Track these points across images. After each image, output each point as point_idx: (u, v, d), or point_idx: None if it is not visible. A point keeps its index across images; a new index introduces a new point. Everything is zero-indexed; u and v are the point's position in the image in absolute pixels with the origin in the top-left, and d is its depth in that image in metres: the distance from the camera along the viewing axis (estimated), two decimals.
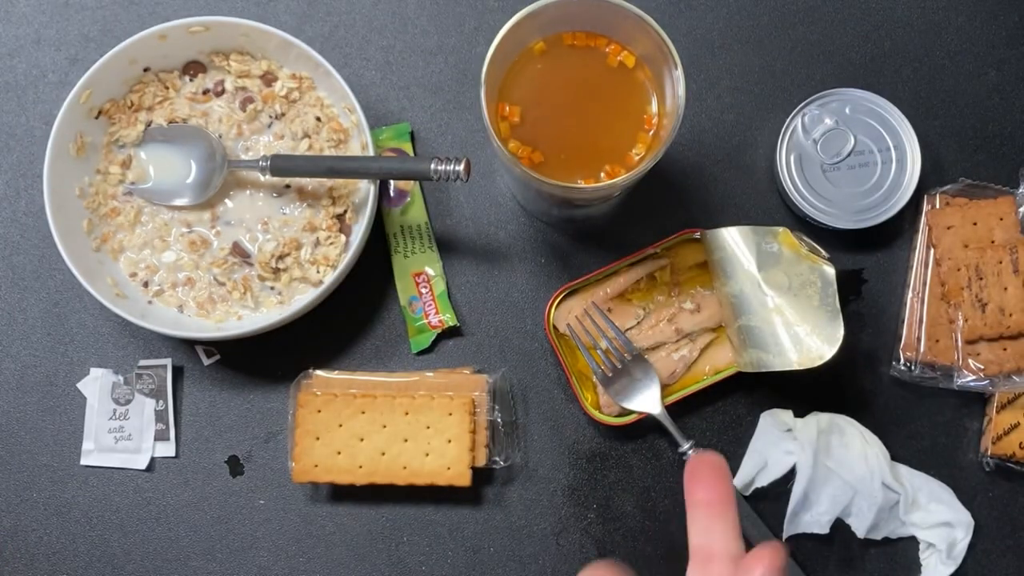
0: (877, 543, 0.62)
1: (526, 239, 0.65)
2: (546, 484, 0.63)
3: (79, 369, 0.64)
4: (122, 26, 0.67)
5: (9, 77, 0.67)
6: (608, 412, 0.61)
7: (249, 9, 0.67)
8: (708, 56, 0.67)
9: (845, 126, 0.63)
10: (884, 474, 0.60)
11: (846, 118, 0.63)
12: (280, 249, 0.62)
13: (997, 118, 0.66)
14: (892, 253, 0.65)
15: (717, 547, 0.36)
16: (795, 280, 0.58)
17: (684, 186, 0.66)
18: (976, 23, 0.67)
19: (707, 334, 0.63)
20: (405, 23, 0.67)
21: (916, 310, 0.63)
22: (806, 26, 0.67)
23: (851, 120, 0.63)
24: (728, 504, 0.36)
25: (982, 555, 0.62)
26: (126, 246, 0.62)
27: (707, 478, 0.37)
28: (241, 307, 0.62)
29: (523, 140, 0.55)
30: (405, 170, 0.58)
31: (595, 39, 0.55)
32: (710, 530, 0.36)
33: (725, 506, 0.36)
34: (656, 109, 0.55)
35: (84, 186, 0.62)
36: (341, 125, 0.63)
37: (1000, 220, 0.62)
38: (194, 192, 0.62)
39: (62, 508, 0.63)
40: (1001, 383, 0.61)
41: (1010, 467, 0.62)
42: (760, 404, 0.63)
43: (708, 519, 0.36)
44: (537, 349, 0.64)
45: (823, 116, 0.63)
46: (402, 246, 0.64)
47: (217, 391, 0.64)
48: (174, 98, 0.64)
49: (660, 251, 0.63)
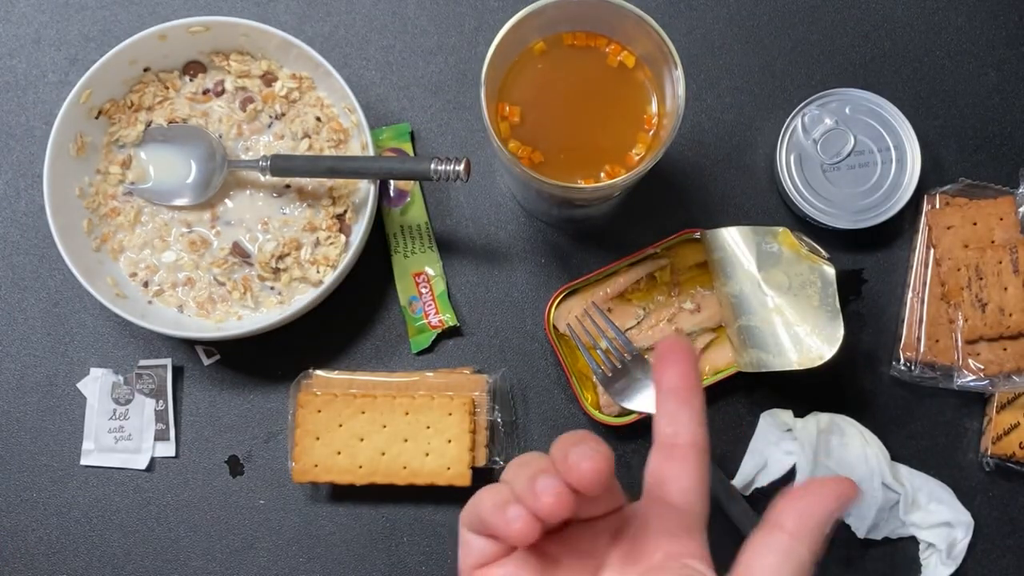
0: (877, 543, 0.62)
1: (526, 239, 0.65)
2: None
3: (79, 369, 0.64)
4: (122, 26, 0.67)
5: (9, 77, 0.67)
6: (608, 412, 0.61)
7: (249, 9, 0.67)
8: (708, 56, 0.67)
9: (845, 126, 0.63)
10: (884, 474, 0.60)
11: (846, 118, 0.63)
12: (280, 249, 0.62)
13: (997, 118, 0.66)
14: (892, 253, 0.65)
15: (683, 436, 0.36)
16: (795, 280, 0.58)
17: (684, 186, 0.66)
18: (976, 23, 0.67)
19: (707, 334, 0.63)
20: (405, 23, 0.67)
21: (916, 310, 0.63)
22: (806, 26, 0.67)
23: (851, 120, 0.63)
24: (695, 391, 0.36)
25: (982, 555, 0.62)
26: (126, 246, 0.62)
27: (677, 363, 0.36)
28: (241, 307, 0.62)
29: (523, 140, 0.55)
30: (405, 170, 0.58)
31: (595, 39, 0.55)
32: (677, 418, 0.36)
33: (692, 393, 0.36)
34: (656, 109, 0.55)
35: (84, 186, 0.62)
36: (341, 125, 0.63)
37: (1000, 220, 0.62)
38: (194, 192, 0.62)
39: (62, 508, 0.63)
40: (1001, 383, 0.61)
41: (1010, 467, 0.62)
42: (760, 404, 0.63)
43: (676, 406, 0.36)
44: (537, 349, 0.64)
45: (823, 116, 0.63)
46: (402, 246, 0.64)
47: (217, 391, 0.64)
48: (174, 98, 0.64)
49: (660, 251, 0.63)
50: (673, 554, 0.35)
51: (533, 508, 0.31)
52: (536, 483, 0.31)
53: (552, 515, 0.31)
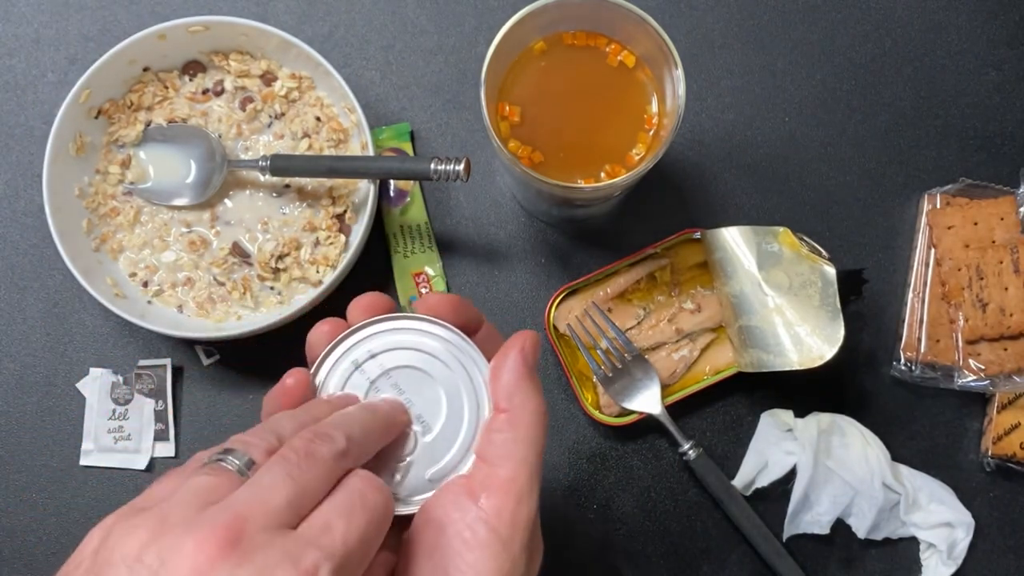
0: (877, 543, 0.62)
1: (526, 239, 0.65)
2: (546, 484, 0.63)
3: (78, 369, 0.64)
4: (122, 26, 0.67)
5: (9, 77, 0.67)
6: (608, 412, 0.61)
7: (249, 9, 0.67)
8: (708, 56, 0.67)
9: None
10: (885, 474, 0.60)
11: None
12: (280, 249, 0.62)
13: (997, 118, 0.66)
14: (893, 253, 0.65)
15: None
16: (795, 280, 0.58)
17: (684, 186, 0.66)
18: (976, 23, 0.67)
19: (707, 334, 0.63)
20: (405, 23, 0.67)
21: (917, 310, 0.63)
22: (806, 26, 0.67)
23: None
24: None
25: (983, 555, 0.62)
26: (126, 246, 0.62)
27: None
28: (241, 307, 0.62)
29: (523, 140, 0.55)
30: (405, 170, 0.58)
31: (595, 39, 0.55)
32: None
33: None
34: (656, 109, 0.55)
35: (84, 186, 0.62)
36: (341, 125, 0.63)
37: (1001, 220, 0.62)
38: (194, 192, 0.62)
39: (62, 508, 0.63)
40: (1002, 383, 0.61)
41: (1011, 467, 0.62)
42: (760, 404, 0.63)
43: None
44: None
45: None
46: (402, 246, 0.64)
47: (217, 391, 0.64)
48: (174, 98, 0.63)
49: (660, 251, 0.63)
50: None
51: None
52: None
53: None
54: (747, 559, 0.62)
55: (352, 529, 0.30)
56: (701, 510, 0.62)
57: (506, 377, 0.37)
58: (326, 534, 0.29)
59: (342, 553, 0.29)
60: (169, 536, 0.28)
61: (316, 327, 0.39)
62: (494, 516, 0.34)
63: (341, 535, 0.30)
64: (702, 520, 0.62)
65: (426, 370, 0.39)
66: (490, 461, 0.36)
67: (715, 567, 0.62)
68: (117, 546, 0.28)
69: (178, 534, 0.27)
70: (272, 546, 0.28)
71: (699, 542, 0.62)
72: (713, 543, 0.62)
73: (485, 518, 0.34)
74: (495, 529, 0.34)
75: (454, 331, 0.39)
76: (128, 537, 0.28)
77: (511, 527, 0.34)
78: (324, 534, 0.29)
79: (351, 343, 0.39)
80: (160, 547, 0.27)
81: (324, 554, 0.28)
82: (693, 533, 0.62)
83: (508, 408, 0.36)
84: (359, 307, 0.39)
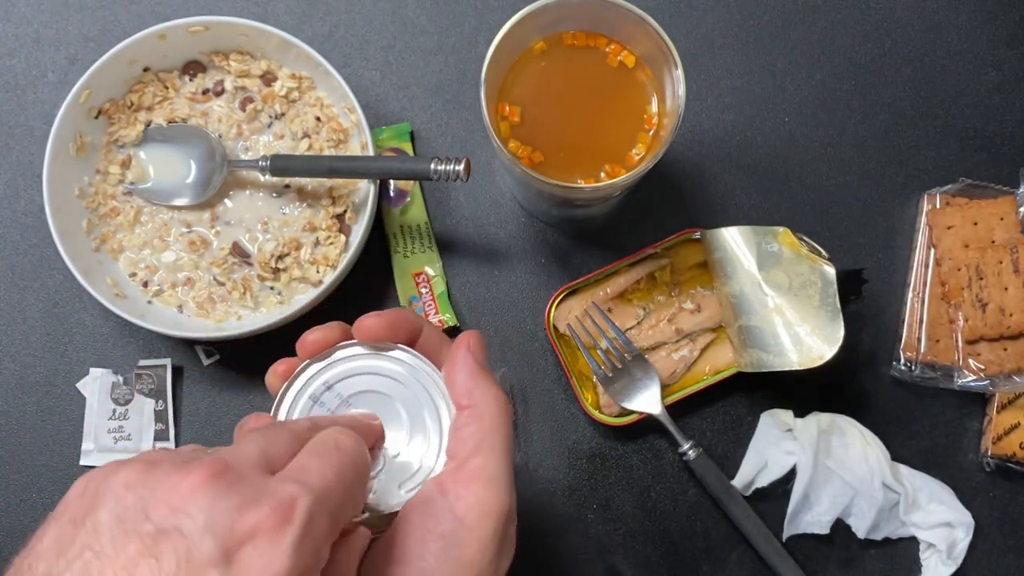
0: (877, 543, 0.62)
1: (526, 239, 0.65)
2: (546, 484, 0.63)
3: (79, 369, 0.64)
4: (122, 26, 0.67)
5: (9, 77, 0.67)
6: (608, 412, 0.61)
7: (249, 9, 0.67)
8: (708, 56, 0.67)
9: None
10: (884, 474, 0.60)
11: None
12: (280, 249, 0.62)
13: (997, 118, 0.66)
14: (892, 253, 0.65)
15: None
16: (795, 280, 0.58)
17: (684, 186, 0.66)
18: (976, 23, 0.67)
19: (707, 334, 0.63)
20: (405, 23, 0.67)
21: (916, 310, 0.63)
22: (806, 26, 0.67)
23: None
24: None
25: (982, 555, 0.62)
26: (126, 246, 0.62)
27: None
28: (241, 307, 0.62)
29: (523, 140, 0.55)
30: (405, 170, 0.58)
31: (595, 39, 0.55)
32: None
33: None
34: (656, 109, 0.55)
35: (84, 186, 0.62)
36: (341, 125, 0.63)
37: (1001, 220, 0.62)
38: (194, 192, 0.62)
39: None
40: (1001, 383, 0.61)
41: (1010, 467, 0.62)
42: (760, 404, 0.63)
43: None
44: (537, 349, 0.64)
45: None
46: (402, 246, 0.64)
47: (217, 391, 0.64)
48: (174, 98, 0.64)
49: (660, 251, 0.63)
50: None
51: None
52: None
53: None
54: (747, 559, 0.62)
55: (327, 467, 0.31)
56: (701, 510, 0.62)
57: (461, 376, 0.38)
58: (303, 472, 0.30)
59: (320, 487, 0.30)
60: (158, 472, 0.29)
61: (271, 371, 0.40)
62: (461, 505, 0.35)
63: (317, 472, 0.31)
64: (702, 520, 0.62)
65: (382, 391, 0.39)
66: (459, 456, 0.36)
67: (715, 567, 0.62)
68: (106, 481, 0.29)
69: (166, 470, 0.29)
70: (254, 482, 0.29)
71: (699, 542, 0.62)
72: (713, 543, 0.62)
73: (451, 507, 0.35)
74: (461, 518, 0.34)
75: (400, 348, 0.40)
76: (116, 475, 0.29)
77: (479, 514, 0.34)
78: (301, 472, 0.31)
79: (305, 378, 0.40)
80: (149, 479, 0.29)
81: (302, 488, 0.29)
82: (693, 533, 0.62)
83: (469, 404, 0.37)
84: (307, 344, 0.40)
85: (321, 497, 0.30)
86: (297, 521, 0.28)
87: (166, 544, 0.27)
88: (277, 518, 0.28)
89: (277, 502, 0.28)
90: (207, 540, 0.27)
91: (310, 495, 0.29)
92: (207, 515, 0.27)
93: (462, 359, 0.38)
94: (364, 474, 0.34)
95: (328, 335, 0.40)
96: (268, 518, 0.28)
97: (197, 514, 0.27)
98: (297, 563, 0.27)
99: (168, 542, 0.27)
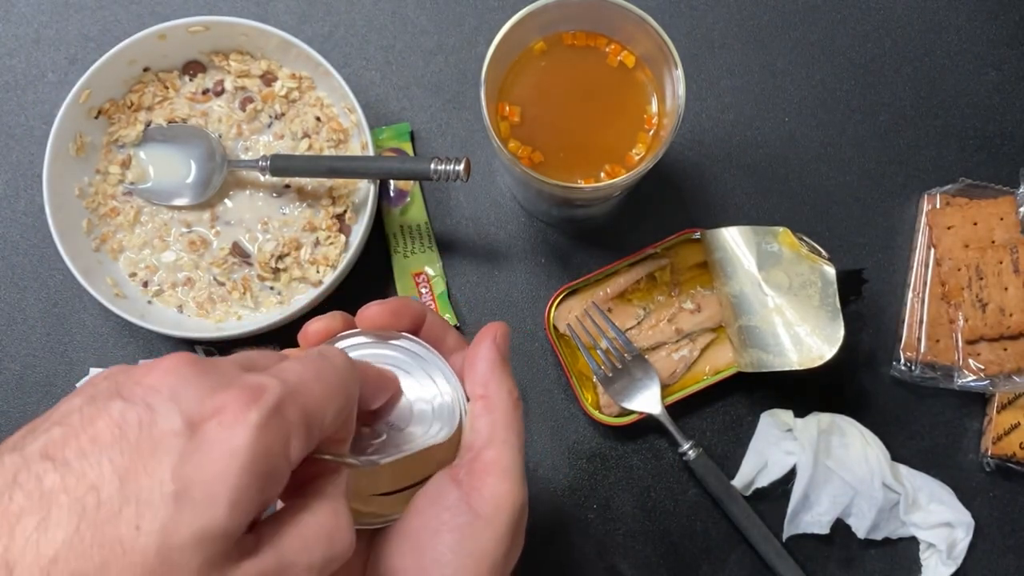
0: (877, 543, 0.62)
1: (526, 239, 0.65)
2: (546, 484, 0.63)
3: (79, 369, 0.64)
4: (122, 26, 0.67)
5: (9, 77, 0.67)
6: (608, 412, 0.61)
7: (249, 9, 0.67)
8: (708, 56, 0.67)
9: None
10: (884, 474, 0.60)
11: None
12: (280, 249, 0.62)
13: (997, 118, 0.66)
14: (892, 253, 0.65)
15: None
16: (795, 280, 0.58)
17: (684, 186, 0.66)
18: (976, 23, 0.67)
19: (707, 334, 0.63)
20: (405, 23, 0.67)
21: (916, 310, 0.63)
22: (806, 26, 0.67)
23: None
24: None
25: (982, 555, 0.62)
26: (126, 246, 0.62)
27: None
28: (241, 307, 0.62)
29: (523, 140, 0.55)
30: (405, 170, 0.58)
31: (595, 39, 0.55)
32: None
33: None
34: (656, 109, 0.55)
35: (84, 186, 0.62)
36: (341, 125, 0.63)
37: (1001, 220, 0.62)
38: (194, 192, 0.62)
39: None
40: (1001, 383, 0.61)
41: (1010, 467, 0.62)
42: (760, 404, 0.63)
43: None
44: (537, 349, 0.64)
45: None
46: (402, 246, 0.64)
47: None
48: (174, 98, 0.64)
49: (660, 251, 0.63)
50: None
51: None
52: None
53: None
54: (747, 559, 0.62)
55: (307, 368, 0.31)
56: (701, 510, 0.62)
57: (480, 366, 0.38)
58: (281, 371, 0.30)
59: (294, 382, 0.30)
60: (135, 366, 0.30)
61: (303, 329, 0.40)
62: (475, 497, 0.35)
63: (294, 370, 0.30)
64: (702, 520, 0.62)
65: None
66: (473, 447, 0.36)
67: (715, 567, 0.62)
68: (90, 380, 0.30)
69: (148, 366, 0.29)
70: (227, 371, 0.29)
71: (699, 542, 0.62)
72: (713, 543, 0.62)
73: (466, 499, 0.35)
74: (476, 510, 0.34)
75: (404, 336, 0.39)
76: (98, 374, 0.30)
77: (494, 507, 0.34)
78: (279, 371, 0.30)
79: None
80: (126, 370, 0.29)
81: (276, 380, 0.29)
82: (693, 533, 0.62)
83: (484, 395, 0.37)
84: (308, 334, 0.39)
85: (294, 390, 0.29)
86: (265, 402, 0.28)
87: (132, 415, 0.27)
88: (245, 397, 0.28)
89: (247, 385, 0.28)
90: (173, 413, 0.27)
91: (282, 385, 0.29)
92: (175, 392, 0.27)
93: (486, 349, 0.38)
94: (348, 385, 0.33)
95: (330, 325, 0.39)
96: (235, 398, 0.28)
97: (166, 391, 0.28)
98: (260, 440, 0.27)
99: (134, 413, 0.27)
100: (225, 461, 0.26)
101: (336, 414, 0.31)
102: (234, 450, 0.27)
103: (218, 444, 0.27)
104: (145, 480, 0.26)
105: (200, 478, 0.26)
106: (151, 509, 0.25)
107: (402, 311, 0.39)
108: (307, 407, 0.29)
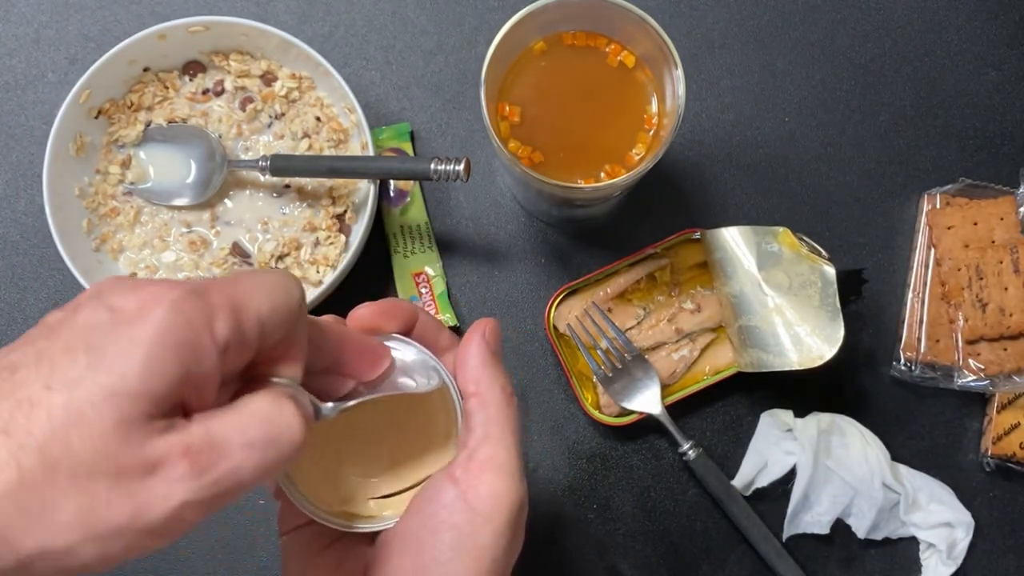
0: (877, 543, 0.62)
1: (526, 239, 0.65)
2: (546, 484, 0.63)
3: None
4: (122, 26, 0.67)
5: (8, 77, 0.67)
6: (608, 412, 0.61)
7: (249, 9, 0.67)
8: (708, 56, 0.67)
9: None
10: (884, 474, 0.60)
11: None
12: (280, 249, 0.62)
13: (997, 118, 0.66)
14: (892, 253, 0.65)
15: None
16: (795, 280, 0.58)
17: (684, 186, 0.66)
18: (976, 23, 0.67)
19: (707, 334, 0.63)
20: (405, 23, 0.67)
21: (916, 310, 0.63)
22: (806, 26, 0.67)
23: None
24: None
25: (982, 555, 0.62)
26: (126, 246, 0.62)
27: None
28: None
29: (523, 140, 0.55)
30: (405, 170, 0.58)
31: (595, 39, 0.55)
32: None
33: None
34: (656, 109, 0.55)
35: (84, 186, 0.62)
36: (341, 125, 0.63)
37: (1001, 220, 0.62)
38: (194, 192, 0.62)
39: None
40: (1002, 383, 0.61)
41: (1010, 467, 0.62)
42: (760, 404, 0.63)
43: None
44: (537, 349, 0.64)
45: None
46: (402, 246, 0.64)
47: None
48: (174, 98, 0.63)
49: (660, 251, 0.63)
50: None
51: None
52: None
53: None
54: (747, 559, 0.62)
55: (252, 285, 0.30)
56: (701, 510, 0.63)
57: (471, 363, 0.38)
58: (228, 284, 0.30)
59: (243, 294, 0.30)
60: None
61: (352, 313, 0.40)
62: (473, 495, 0.35)
63: (243, 287, 0.30)
64: (702, 520, 0.62)
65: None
66: (469, 445, 0.36)
67: (715, 567, 0.62)
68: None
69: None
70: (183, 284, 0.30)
71: (699, 542, 0.62)
72: (713, 543, 0.62)
73: (464, 497, 0.35)
74: (474, 508, 0.34)
75: (395, 337, 0.39)
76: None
77: (492, 505, 0.34)
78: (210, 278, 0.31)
79: None
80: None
81: (222, 291, 0.29)
82: (693, 533, 0.62)
83: (476, 392, 0.37)
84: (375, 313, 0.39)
85: (220, 281, 0.30)
86: (186, 287, 0.28)
87: (59, 314, 0.28)
88: (167, 286, 0.28)
89: (172, 280, 0.29)
90: (98, 304, 0.28)
91: (230, 303, 0.29)
92: (101, 291, 0.28)
93: (475, 346, 0.38)
94: (288, 286, 0.32)
95: (398, 310, 0.39)
96: (157, 286, 0.28)
97: (94, 291, 0.29)
98: (178, 311, 0.27)
99: (62, 312, 0.28)
100: (140, 329, 0.27)
101: (272, 310, 0.30)
102: (150, 319, 0.27)
103: (136, 319, 0.27)
104: (61, 354, 0.27)
105: (114, 345, 0.27)
106: (61, 370, 0.26)
107: (393, 312, 0.39)
108: (234, 294, 0.29)
